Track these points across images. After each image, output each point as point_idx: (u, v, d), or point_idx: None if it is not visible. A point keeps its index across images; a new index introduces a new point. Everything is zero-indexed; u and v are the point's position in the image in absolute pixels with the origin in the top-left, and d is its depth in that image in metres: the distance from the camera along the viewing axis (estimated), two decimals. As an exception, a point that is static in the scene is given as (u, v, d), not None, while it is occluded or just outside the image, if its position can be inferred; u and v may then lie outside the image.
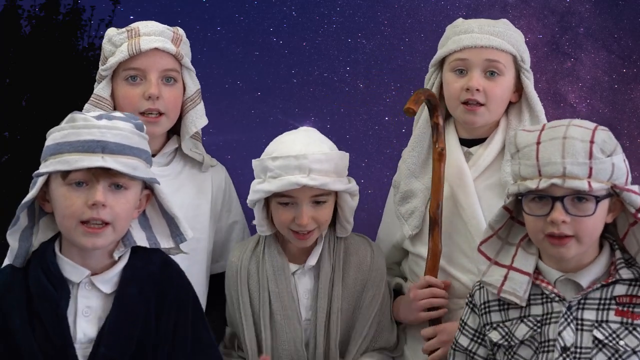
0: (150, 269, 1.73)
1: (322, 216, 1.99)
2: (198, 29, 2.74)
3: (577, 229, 1.59)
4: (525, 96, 2.08)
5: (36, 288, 1.61)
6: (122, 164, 1.60)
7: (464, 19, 2.13)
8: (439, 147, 2.01)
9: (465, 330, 1.79)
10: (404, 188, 2.14)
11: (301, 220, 1.95)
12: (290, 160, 1.93)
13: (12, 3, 9.62)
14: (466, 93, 2.01)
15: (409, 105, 1.89)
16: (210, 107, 2.29)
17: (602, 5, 2.89)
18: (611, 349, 1.59)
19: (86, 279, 1.65)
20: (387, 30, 2.82)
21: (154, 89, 2.05)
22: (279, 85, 2.88)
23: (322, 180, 1.93)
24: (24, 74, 9.14)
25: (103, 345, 1.60)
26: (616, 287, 1.63)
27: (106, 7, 9.97)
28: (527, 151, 1.63)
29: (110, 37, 2.11)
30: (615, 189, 1.60)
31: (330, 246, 2.06)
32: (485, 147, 2.07)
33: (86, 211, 1.59)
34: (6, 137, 9.09)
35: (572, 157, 1.57)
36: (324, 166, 1.95)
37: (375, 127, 3.02)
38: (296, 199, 1.96)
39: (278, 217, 2.00)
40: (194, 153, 2.19)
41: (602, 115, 2.78)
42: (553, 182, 1.57)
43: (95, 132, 1.60)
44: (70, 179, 1.60)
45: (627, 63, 2.80)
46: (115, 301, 1.65)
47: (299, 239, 1.99)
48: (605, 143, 1.59)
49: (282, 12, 2.86)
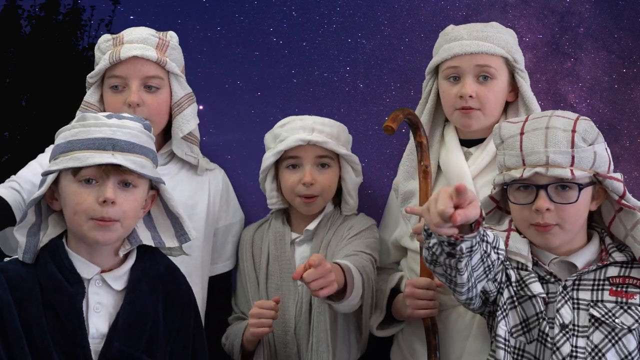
0: (158, 270, 1.76)
1: (326, 180, 2.14)
2: (198, 29, 2.78)
3: (561, 216, 1.63)
4: (521, 96, 2.09)
5: (51, 282, 1.62)
6: (132, 161, 1.62)
7: (463, 20, 2.14)
8: (423, 165, 2.03)
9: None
10: (403, 189, 2.15)
11: (306, 178, 2.10)
12: (296, 123, 2.15)
13: (12, 3, 9.61)
14: (460, 100, 2.03)
15: (388, 123, 1.90)
16: (210, 107, 2.30)
17: (602, 5, 2.93)
18: (607, 326, 1.62)
19: (97, 276, 1.67)
20: (387, 30, 2.86)
21: (133, 96, 2.06)
22: (279, 85, 2.92)
23: (324, 138, 2.11)
24: (24, 74, 9.12)
25: (116, 340, 1.62)
26: (609, 269, 1.67)
27: (106, 7, 9.98)
28: (511, 142, 1.66)
29: (99, 44, 2.15)
30: (597, 176, 1.64)
31: (331, 220, 2.19)
32: (483, 147, 2.08)
33: (97, 208, 1.61)
34: (6, 137, 9.09)
35: (554, 146, 1.61)
36: (326, 128, 2.14)
37: (375, 127, 3.04)
38: (302, 160, 2.13)
39: (286, 182, 2.16)
40: (188, 157, 2.19)
41: (602, 115, 2.82)
42: (537, 170, 1.61)
43: (105, 130, 1.63)
44: (81, 176, 1.62)
45: (627, 63, 2.85)
46: (127, 297, 1.67)
47: (305, 204, 2.14)
48: (587, 132, 1.63)
49: (282, 12, 2.90)
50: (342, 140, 2.18)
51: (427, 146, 2.04)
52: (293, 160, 2.15)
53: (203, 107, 2.50)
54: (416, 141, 2.05)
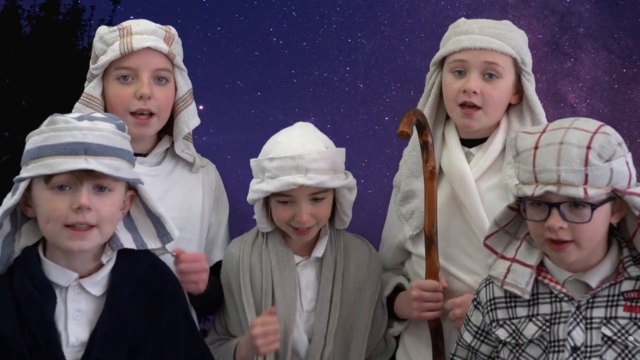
0: (140, 270, 1.72)
1: (321, 212, 2.03)
2: (198, 29, 2.75)
3: (576, 234, 1.58)
4: (525, 99, 2.06)
5: (23, 294, 1.59)
6: (106, 165, 1.57)
7: (466, 18, 2.12)
8: (430, 166, 2.00)
9: (469, 326, 1.80)
10: (405, 188, 2.14)
11: (300, 218, 1.99)
12: (287, 161, 1.96)
13: (12, 3, 9.61)
14: (463, 95, 2.00)
15: (403, 129, 1.86)
16: (210, 107, 2.31)
17: (602, 5, 2.91)
18: (620, 345, 1.59)
19: (75, 282, 1.63)
20: (387, 30, 2.83)
21: (145, 88, 2.02)
22: (279, 85, 2.90)
23: (319, 179, 1.96)
24: (24, 74, 9.12)
25: (96, 348, 1.58)
26: (624, 284, 1.62)
27: (106, 7, 9.98)
28: (525, 156, 1.62)
29: (101, 35, 2.08)
30: (616, 192, 1.59)
31: (332, 240, 2.11)
32: (485, 148, 2.06)
33: (71, 215, 1.57)
34: (6, 137, 9.08)
35: (567, 165, 1.55)
36: (320, 165, 1.97)
37: (375, 127, 3.02)
38: (295, 198, 1.99)
39: (277, 215, 2.04)
40: (185, 154, 2.17)
41: (602, 115, 2.79)
42: (548, 189, 1.56)
43: (77, 134, 1.58)
44: (54, 183, 1.57)
45: (627, 63, 2.81)
46: (106, 303, 1.63)
47: (298, 235, 2.04)
48: (604, 148, 1.56)
49: (282, 12, 2.88)
50: (337, 168, 2.04)
51: (433, 145, 2.02)
52: (285, 197, 2.00)
53: (203, 107, 2.50)
54: (422, 140, 2.01)
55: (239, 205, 2.39)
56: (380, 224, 2.34)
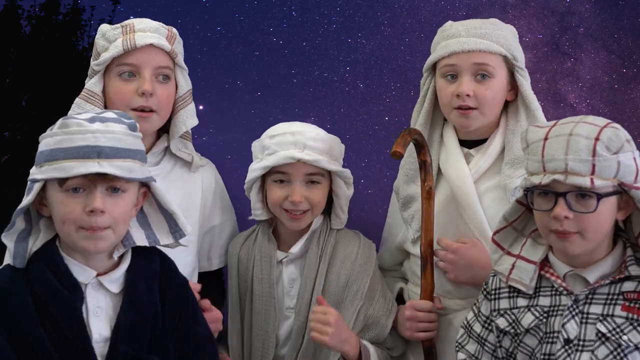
0: (153, 266, 1.75)
1: (315, 197, 2.04)
2: (198, 29, 2.75)
3: (581, 225, 1.60)
4: (520, 95, 2.05)
5: (46, 289, 1.60)
6: (119, 167, 1.59)
7: (452, 21, 2.10)
8: (427, 186, 1.99)
9: (479, 317, 1.81)
10: (404, 193, 2.14)
11: (294, 197, 2.01)
12: (287, 137, 2.03)
13: (12, 3, 9.62)
14: (457, 99, 2.00)
15: (396, 149, 1.85)
16: (210, 107, 2.31)
17: (602, 5, 2.90)
18: (614, 342, 1.60)
19: (94, 280, 1.65)
20: (387, 30, 2.83)
21: (147, 85, 2.03)
22: (279, 85, 2.90)
23: (316, 157, 2.01)
24: (24, 74, 9.13)
25: (121, 342, 1.61)
26: (625, 284, 1.63)
27: (106, 7, 9.99)
28: (535, 147, 1.65)
29: (103, 32, 2.09)
30: (623, 186, 1.61)
31: (321, 238, 2.10)
32: (485, 150, 2.06)
33: (85, 218, 1.59)
34: (6, 137, 9.09)
35: (574, 154, 1.58)
36: (318, 144, 2.03)
37: (375, 127, 3.01)
38: (290, 176, 2.03)
39: (272, 196, 2.06)
40: (182, 153, 2.17)
41: (602, 115, 2.82)
42: (555, 178, 1.58)
43: (89, 138, 1.58)
44: (68, 186, 1.59)
45: (627, 63, 2.80)
46: (125, 299, 1.66)
47: (291, 219, 2.05)
48: (612, 140, 1.59)
49: (282, 12, 2.88)
50: (334, 155, 2.08)
51: (431, 165, 2.01)
52: (281, 175, 2.04)
53: (203, 107, 2.50)
54: (420, 159, 2.01)
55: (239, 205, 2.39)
56: (381, 224, 2.34)
